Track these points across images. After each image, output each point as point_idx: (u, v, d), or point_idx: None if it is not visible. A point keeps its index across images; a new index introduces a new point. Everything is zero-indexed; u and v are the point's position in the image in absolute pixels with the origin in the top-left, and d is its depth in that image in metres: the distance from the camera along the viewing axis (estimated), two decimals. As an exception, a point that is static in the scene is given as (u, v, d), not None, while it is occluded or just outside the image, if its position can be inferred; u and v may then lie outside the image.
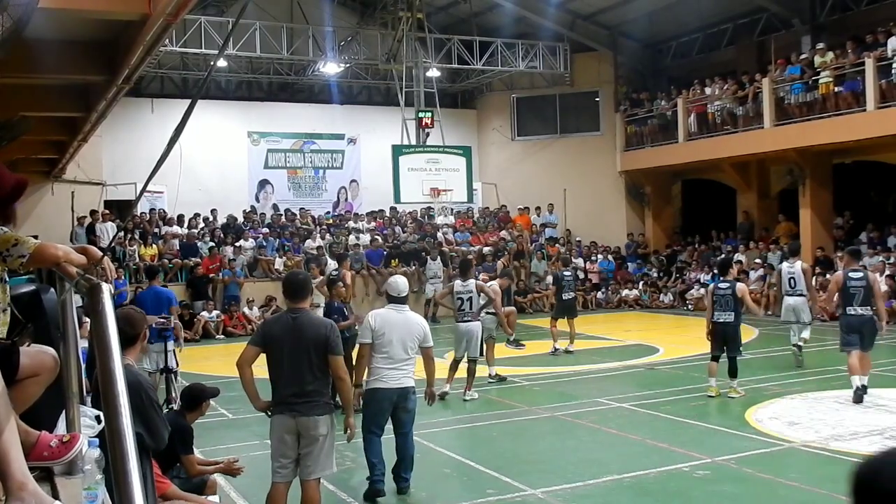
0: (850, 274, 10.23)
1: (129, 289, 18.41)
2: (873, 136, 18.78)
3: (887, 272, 18.79)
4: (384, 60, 24.94)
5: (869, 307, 10.07)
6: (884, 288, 18.44)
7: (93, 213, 21.33)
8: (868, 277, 10.36)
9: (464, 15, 26.11)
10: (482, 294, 11.35)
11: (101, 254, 2.98)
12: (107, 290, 2.21)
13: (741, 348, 11.02)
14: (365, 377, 7.01)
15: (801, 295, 12.81)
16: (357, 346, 7.26)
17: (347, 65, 25.49)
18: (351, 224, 24.66)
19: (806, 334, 12.97)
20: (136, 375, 5.00)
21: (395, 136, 24.61)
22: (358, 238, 23.52)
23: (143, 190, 3.74)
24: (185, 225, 22.59)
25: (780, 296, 13.68)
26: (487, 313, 11.86)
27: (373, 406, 6.97)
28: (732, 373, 10.77)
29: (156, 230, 21.98)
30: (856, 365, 9.91)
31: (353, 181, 27.35)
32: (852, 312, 10.12)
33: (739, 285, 11.05)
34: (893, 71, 18.41)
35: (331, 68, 25.02)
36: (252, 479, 7.79)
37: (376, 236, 23.89)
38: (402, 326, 6.99)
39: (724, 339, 10.78)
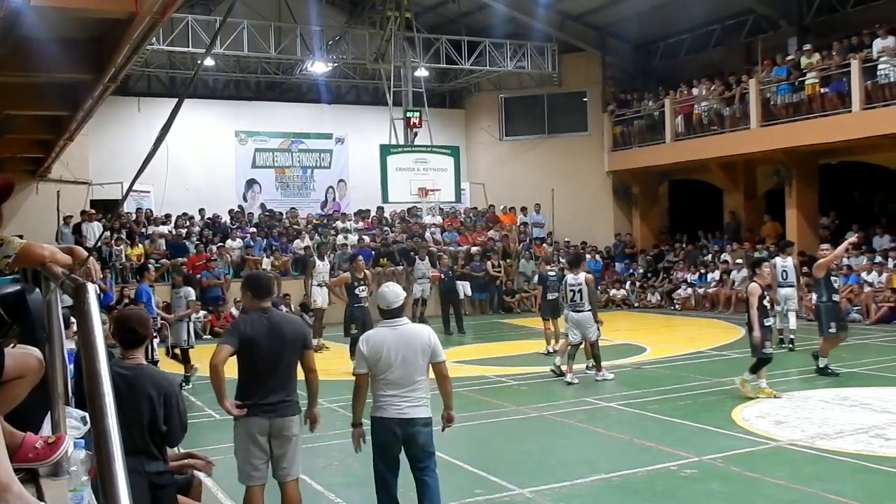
0: None
1: (113, 288, 18.36)
2: (859, 137, 18.92)
3: (874, 271, 18.93)
4: (372, 60, 24.93)
5: None
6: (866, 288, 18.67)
7: (82, 213, 21.21)
8: None
9: (452, 15, 26.12)
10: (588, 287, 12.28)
11: (86, 254, 2.97)
12: (92, 290, 2.19)
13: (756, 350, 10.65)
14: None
15: (791, 286, 14.55)
16: (353, 367, 5.91)
17: (335, 64, 25.46)
18: (339, 224, 24.62)
19: (793, 322, 14.45)
20: (163, 374, 5.14)
21: (383, 135, 24.60)
22: (346, 238, 23.48)
23: (130, 189, 3.73)
24: (172, 224, 22.50)
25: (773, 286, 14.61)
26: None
27: (375, 437, 5.81)
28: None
29: (142, 230, 21.88)
30: None
31: (340, 181, 27.32)
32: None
33: (750, 286, 10.78)
34: (879, 72, 18.53)
35: (319, 68, 24.98)
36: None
37: (364, 236, 23.86)
38: (401, 344, 5.74)
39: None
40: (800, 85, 20.47)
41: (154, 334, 9.78)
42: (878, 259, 19.40)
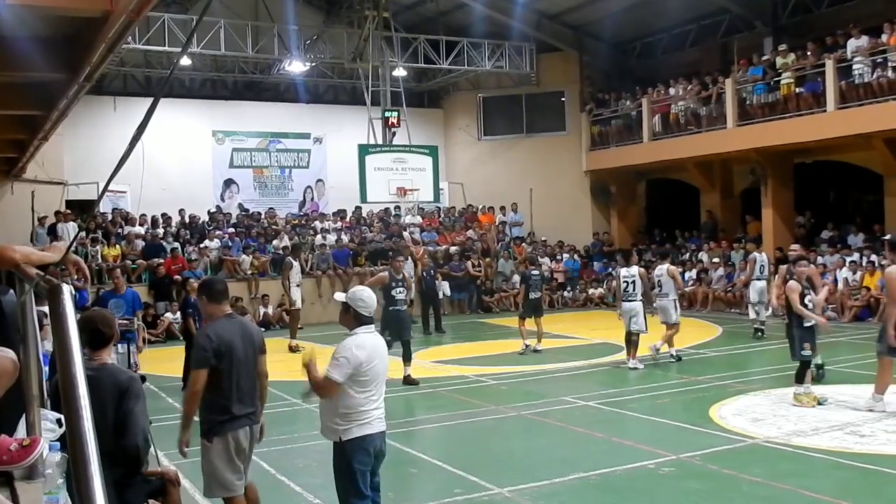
0: None
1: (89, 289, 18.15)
2: (833, 137, 19.10)
3: (847, 268, 19.13)
4: (350, 59, 24.88)
5: None
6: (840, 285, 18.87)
7: (57, 213, 21.00)
8: None
9: (430, 14, 26.11)
10: (642, 279, 13.50)
11: (73, 254, 2.93)
12: (67, 291, 2.17)
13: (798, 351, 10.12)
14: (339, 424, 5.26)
15: (766, 279, 15.87)
16: (332, 372, 5.16)
17: (313, 63, 25.38)
18: (317, 224, 24.55)
19: (763, 314, 15.86)
20: (124, 371, 5.06)
21: (361, 135, 24.55)
22: (324, 238, 23.42)
23: (105, 189, 3.70)
24: (149, 224, 22.32)
25: (750, 280, 16.47)
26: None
27: (363, 460, 5.22)
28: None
29: (119, 230, 21.69)
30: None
31: (319, 181, 27.24)
32: None
33: (790, 284, 10.29)
34: (854, 72, 18.72)
35: (296, 67, 24.90)
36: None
37: (343, 236, 23.82)
38: (383, 354, 5.44)
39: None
40: (775, 85, 20.65)
41: (132, 337, 9.66)
42: (853, 258, 19.58)
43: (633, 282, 13.39)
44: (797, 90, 20.02)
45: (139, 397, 4.71)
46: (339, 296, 5.51)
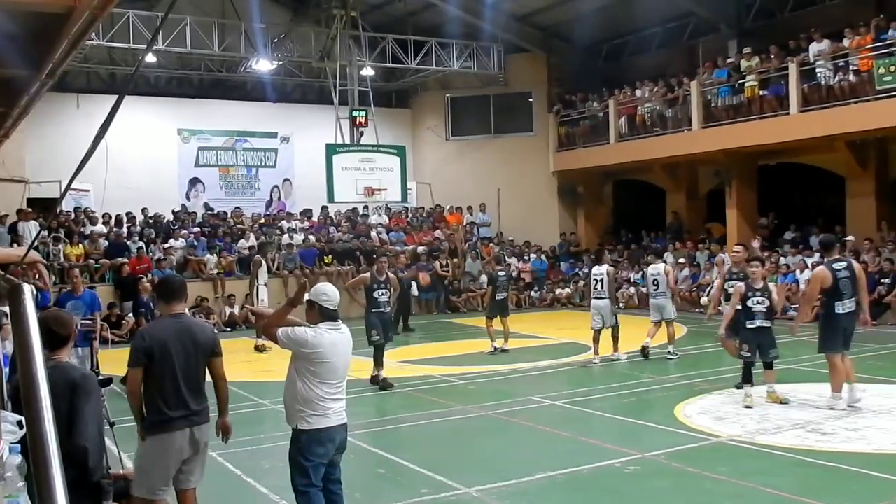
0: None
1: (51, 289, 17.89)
2: (796, 139, 19.38)
3: (809, 270, 19.36)
4: (318, 58, 24.77)
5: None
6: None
7: (19, 212, 20.65)
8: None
9: (398, 14, 26.06)
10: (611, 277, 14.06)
11: (38, 257, 2.89)
12: (28, 291, 2.14)
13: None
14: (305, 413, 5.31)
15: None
16: (283, 330, 5.32)
17: (280, 62, 25.23)
18: (284, 223, 24.41)
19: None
20: (77, 368, 4.93)
21: (328, 134, 24.45)
22: (291, 237, 23.29)
23: (68, 188, 3.65)
24: (112, 223, 22.02)
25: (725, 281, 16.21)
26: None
27: (317, 452, 5.29)
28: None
29: (82, 229, 21.40)
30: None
31: (286, 180, 27.09)
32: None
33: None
34: (817, 76, 18.99)
35: (263, 65, 24.74)
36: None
37: (310, 236, 23.70)
38: (344, 351, 5.46)
39: None
40: (740, 87, 20.89)
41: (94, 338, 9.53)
42: (815, 258, 19.82)
43: (602, 279, 13.85)
44: (761, 93, 20.27)
45: (90, 396, 4.55)
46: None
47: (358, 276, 14.47)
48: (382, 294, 12.08)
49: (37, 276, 2.93)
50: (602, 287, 13.83)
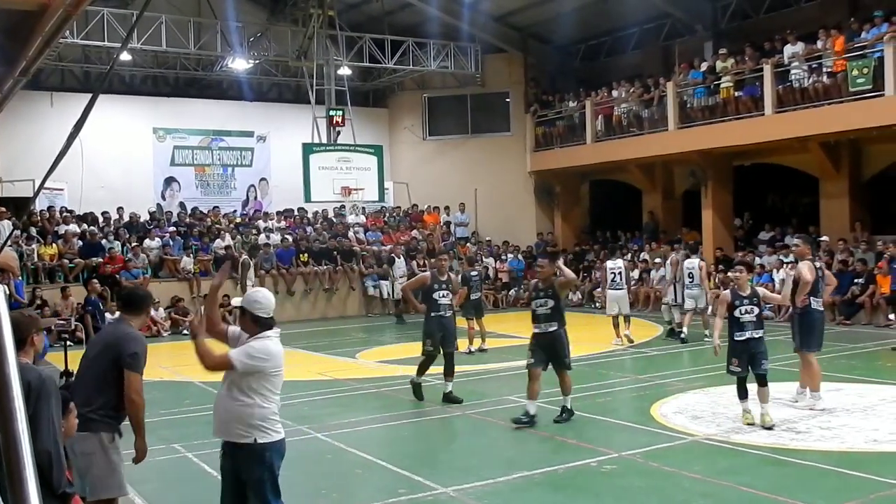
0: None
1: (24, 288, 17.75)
2: (771, 140, 19.56)
3: (784, 269, 19.52)
4: (295, 57, 24.68)
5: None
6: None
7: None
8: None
9: (375, 13, 26.02)
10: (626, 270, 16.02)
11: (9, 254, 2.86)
12: (1, 291, 2.12)
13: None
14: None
15: (699, 286, 15.77)
16: (239, 357, 5.00)
17: (257, 61, 25.12)
18: (261, 223, 24.29)
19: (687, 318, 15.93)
20: (34, 368, 4.81)
21: (305, 133, 24.37)
22: (268, 237, 23.18)
23: (41, 187, 3.61)
24: (87, 223, 21.81)
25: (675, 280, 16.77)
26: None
27: (279, 464, 5.10)
28: None
29: (56, 229, 21.17)
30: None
31: (262, 179, 26.96)
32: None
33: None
34: (791, 77, 19.16)
35: (240, 64, 24.61)
36: (158, 483, 7.62)
37: (287, 235, 23.60)
38: (282, 357, 5.22)
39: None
40: (715, 88, 21.05)
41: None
42: (790, 258, 19.99)
43: (620, 272, 15.73)
44: (736, 94, 20.43)
45: (49, 398, 4.32)
46: (236, 300, 5.40)
47: (416, 276, 13.61)
48: (444, 296, 11.10)
49: (5, 273, 2.90)
50: (620, 279, 15.67)
